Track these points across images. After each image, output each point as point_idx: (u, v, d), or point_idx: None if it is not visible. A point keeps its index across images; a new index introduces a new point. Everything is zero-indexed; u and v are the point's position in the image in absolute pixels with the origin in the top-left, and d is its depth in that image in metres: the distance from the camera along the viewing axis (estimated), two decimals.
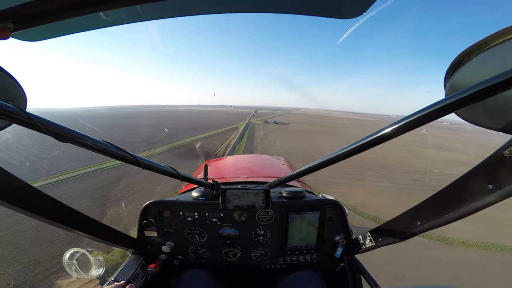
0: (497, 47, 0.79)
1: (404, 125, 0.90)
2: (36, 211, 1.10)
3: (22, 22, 0.71)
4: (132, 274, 1.80)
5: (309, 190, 2.58)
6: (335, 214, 2.10)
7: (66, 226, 1.28)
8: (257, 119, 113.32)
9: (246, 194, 1.89)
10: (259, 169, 3.94)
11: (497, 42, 0.79)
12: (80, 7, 0.73)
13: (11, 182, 1.00)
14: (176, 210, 2.05)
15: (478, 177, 0.97)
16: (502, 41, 0.77)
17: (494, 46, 0.80)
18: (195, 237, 2.12)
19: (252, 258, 2.22)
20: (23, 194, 1.05)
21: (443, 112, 0.80)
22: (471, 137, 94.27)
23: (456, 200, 1.06)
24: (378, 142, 1.03)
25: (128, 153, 1.18)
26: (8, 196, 0.97)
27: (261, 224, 2.10)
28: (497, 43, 0.79)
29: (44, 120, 0.86)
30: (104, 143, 1.09)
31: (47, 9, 0.71)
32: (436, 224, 1.19)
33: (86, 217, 1.44)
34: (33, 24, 0.74)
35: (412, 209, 1.37)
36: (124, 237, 1.87)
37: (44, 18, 0.73)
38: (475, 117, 0.97)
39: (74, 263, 1.55)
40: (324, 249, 2.18)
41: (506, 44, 0.77)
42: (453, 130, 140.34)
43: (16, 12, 0.68)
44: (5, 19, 0.68)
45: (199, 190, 2.12)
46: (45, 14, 0.72)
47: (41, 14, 0.72)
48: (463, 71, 0.93)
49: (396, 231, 1.50)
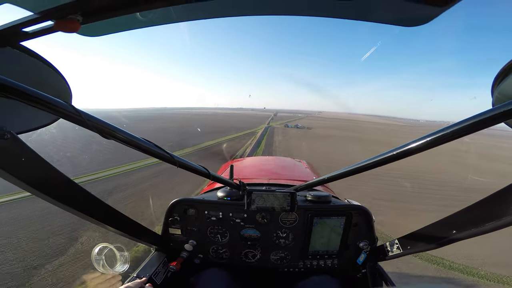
0: None
1: (454, 131, 0.86)
2: (71, 204, 1.12)
3: (90, 15, 0.73)
4: (154, 271, 1.81)
5: (334, 195, 2.53)
6: (361, 220, 2.05)
7: (97, 220, 1.30)
8: (277, 123, 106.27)
9: (271, 196, 1.87)
10: (281, 172, 3.90)
11: None
12: (140, 3, 0.75)
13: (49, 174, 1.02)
14: (202, 209, 2.05)
15: None
16: None
17: None
18: (217, 237, 2.12)
19: (271, 260, 2.20)
20: (58, 186, 1.07)
21: (492, 121, 0.76)
22: None
23: (498, 210, 1.01)
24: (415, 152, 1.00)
25: (166, 151, 1.21)
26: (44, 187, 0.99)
27: (284, 227, 2.08)
28: None
29: (91, 117, 0.88)
30: (145, 141, 1.11)
31: (112, 4, 0.73)
32: (473, 233, 1.14)
33: (115, 211, 1.46)
34: (99, 17, 0.76)
35: (446, 218, 1.33)
36: (149, 233, 1.88)
37: (108, 12, 0.75)
38: None
39: (102, 258, 1.56)
40: (346, 255, 2.14)
41: None
42: (497, 137, 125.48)
43: (84, 4, 0.69)
44: (74, 11, 0.69)
45: (224, 190, 2.12)
46: (110, 8, 0.74)
47: (105, 8, 0.74)
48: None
49: (428, 238, 1.45)
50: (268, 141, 43.41)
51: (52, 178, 1.04)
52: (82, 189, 1.20)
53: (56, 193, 1.04)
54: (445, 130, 0.88)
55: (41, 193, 0.96)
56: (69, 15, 0.70)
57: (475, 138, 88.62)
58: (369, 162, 1.23)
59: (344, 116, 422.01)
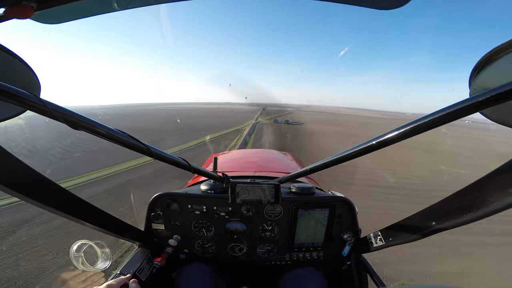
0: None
1: (428, 122, 0.88)
2: (43, 201, 1.08)
3: (44, 2, 0.71)
4: (138, 267, 1.79)
5: (318, 187, 2.56)
6: (344, 212, 2.08)
7: (74, 217, 1.26)
8: (266, 118, 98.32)
9: (255, 189, 1.86)
10: (267, 164, 3.91)
11: None
12: None
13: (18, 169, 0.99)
14: (185, 203, 2.03)
15: (500, 178, 0.95)
16: None
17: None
18: (202, 231, 2.10)
19: (258, 253, 2.20)
20: (29, 182, 1.03)
21: (469, 111, 0.77)
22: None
23: (475, 201, 1.04)
24: (396, 140, 1.01)
25: (141, 142, 1.17)
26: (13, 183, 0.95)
27: (269, 220, 2.09)
28: None
29: (58, 107, 0.85)
30: (118, 132, 1.07)
31: None
32: (453, 224, 1.17)
33: (94, 207, 1.42)
34: (55, 3, 0.73)
35: (427, 209, 1.35)
36: (132, 229, 1.85)
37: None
38: (501, 116, 0.96)
39: (81, 255, 1.53)
40: (331, 247, 2.17)
41: None
42: (476, 129, 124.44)
43: None
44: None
45: (208, 183, 2.10)
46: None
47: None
48: (491, 69, 0.90)
49: (410, 230, 1.47)
50: (257, 143, 33.99)
51: (21, 173, 1.00)
52: (55, 185, 1.16)
53: (26, 189, 1.00)
54: (422, 120, 0.89)
55: (8, 189, 0.92)
56: (22, 0, 0.66)
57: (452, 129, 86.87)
58: (351, 152, 1.24)
59: (333, 110, 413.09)
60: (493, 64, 0.88)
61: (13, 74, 0.98)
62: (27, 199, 1.01)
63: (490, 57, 0.88)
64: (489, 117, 0.99)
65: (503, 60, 0.85)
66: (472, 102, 0.75)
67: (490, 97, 0.70)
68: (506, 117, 0.94)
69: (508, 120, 0.93)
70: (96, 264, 1.60)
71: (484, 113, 0.97)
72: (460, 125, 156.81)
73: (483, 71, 0.93)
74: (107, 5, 0.93)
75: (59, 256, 7.64)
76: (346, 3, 0.98)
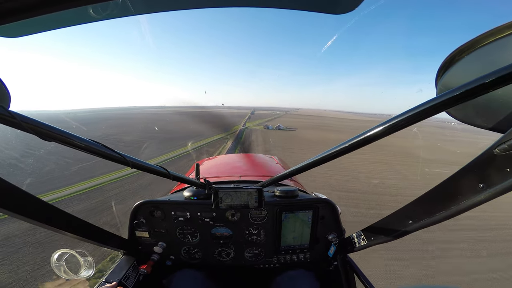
0: (488, 46, 0.80)
1: (396, 123, 0.90)
2: (19, 212, 1.05)
3: (2, 17, 0.65)
4: (124, 275, 1.78)
5: (302, 189, 2.58)
6: (327, 213, 2.10)
7: (53, 227, 1.24)
8: (255, 123, 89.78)
9: (238, 194, 1.87)
10: (252, 168, 3.93)
11: (488, 41, 0.79)
12: (64, 1, 0.67)
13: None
14: (168, 210, 2.02)
15: (469, 175, 0.97)
16: (493, 40, 0.78)
17: (485, 45, 0.81)
18: (187, 237, 2.10)
19: (246, 257, 2.21)
20: (4, 194, 1.00)
21: (434, 110, 0.79)
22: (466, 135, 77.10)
23: (447, 199, 1.06)
24: (369, 141, 1.03)
25: (116, 152, 1.15)
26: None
27: (254, 224, 2.09)
28: (488, 42, 0.79)
29: (27, 119, 0.83)
30: (91, 142, 1.06)
31: (29, 3, 0.64)
32: (427, 223, 1.19)
33: (72, 217, 1.40)
34: (14, 18, 0.67)
35: (404, 207, 1.37)
36: (114, 237, 1.83)
37: (25, 13, 0.67)
38: (466, 115, 0.98)
39: (63, 264, 1.52)
40: (317, 248, 2.19)
41: (496, 43, 0.77)
42: (444, 128, 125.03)
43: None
44: None
45: (191, 190, 2.10)
46: (27, 8, 0.66)
47: (24, 7, 0.65)
48: (454, 70, 0.94)
49: (389, 229, 1.50)
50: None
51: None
52: (33, 196, 1.14)
53: (4, 203, 0.98)
54: (396, 119, 0.91)
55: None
56: None
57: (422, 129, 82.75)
58: (331, 152, 1.25)
59: (322, 114, 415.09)
60: (457, 64, 0.92)
61: None
62: (5, 211, 0.99)
63: (453, 58, 0.91)
64: (455, 116, 1.02)
65: (465, 60, 0.88)
66: (438, 101, 0.77)
67: (453, 96, 0.72)
68: (469, 116, 0.97)
69: (471, 119, 0.96)
70: (80, 272, 1.58)
71: (449, 112, 1.00)
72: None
73: (447, 71, 0.96)
74: (74, 18, 0.92)
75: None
76: (299, 9, 1.02)
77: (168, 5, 1.10)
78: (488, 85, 0.65)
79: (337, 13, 0.98)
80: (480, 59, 0.85)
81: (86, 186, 17.93)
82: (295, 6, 1.04)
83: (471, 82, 0.68)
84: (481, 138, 53.58)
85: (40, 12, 0.68)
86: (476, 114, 0.94)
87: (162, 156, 29.11)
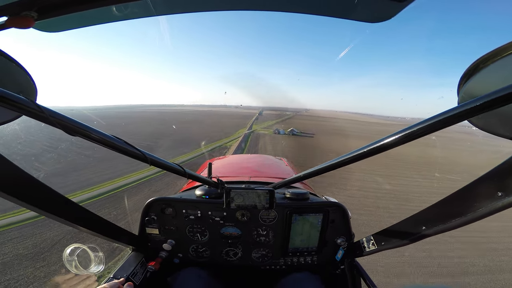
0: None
1: (416, 131, 0.90)
2: (37, 205, 1.08)
3: (46, 12, 0.72)
4: (132, 271, 1.78)
5: (313, 192, 2.58)
6: (338, 217, 2.10)
7: (67, 220, 1.26)
8: (263, 126, 77.73)
9: (250, 194, 1.88)
10: (262, 169, 3.94)
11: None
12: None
13: (12, 172, 0.98)
14: (179, 208, 2.03)
15: (488, 183, 0.97)
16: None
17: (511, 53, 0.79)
18: (196, 236, 2.11)
19: (253, 258, 2.21)
20: (22, 185, 1.03)
21: (456, 119, 0.79)
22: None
23: (464, 206, 1.06)
24: (386, 148, 1.03)
25: (136, 148, 1.18)
26: (7, 187, 0.94)
27: (264, 225, 2.10)
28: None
29: (55, 113, 0.85)
30: (113, 138, 1.08)
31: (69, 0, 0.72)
32: (441, 229, 1.20)
33: (87, 211, 1.42)
34: (55, 14, 0.74)
35: (417, 214, 1.38)
36: (125, 233, 1.85)
37: (65, 8, 0.74)
38: (488, 124, 0.98)
39: (75, 259, 1.52)
40: (325, 251, 2.19)
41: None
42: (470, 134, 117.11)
43: (40, 1, 0.68)
44: (29, 7, 0.68)
45: (202, 189, 2.11)
46: (67, 4, 0.73)
47: (63, 4, 0.72)
48: (478, 77, 0.93)
49: (401, 235, 1.50)
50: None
51: (16, 177, 1.00)
52: (49, 189, 1.16)
53: (21, 194, 1.00)
54: (415, 127, 0.90)
55: (4, 194, 0.92)
56: (23, 11, 0.68)
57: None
58: (344, 159, 1.26)
59: (334, 115, 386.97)
60: (480, 73, 0.90)
61: (9, 78, 0.98)
62: (20, 203, 1.01)
63: (477, 66, 0.90)
64: (476, 124, 1.01)
65: (490, 69, 0.87)
66: (461, 110, 0.76)
67: (477, 105, 0.71)
68: (491, 125, 0.96)
69: (493, 128, 0.95)
70: (90, 267, 1.59)
71: (471, 121, 0.99)
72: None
73: (470, 79, 0.95)
74: (107, 15, 0.95)
75: None
76: (338, 17, 1.01)
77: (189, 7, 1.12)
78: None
79: (371, 22, 0.98)
80: (506, 68, 0.84)
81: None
82: (328, 13, 1.04)
83: (497, 91, 0.67)
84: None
85: (74, 9, 0.75)
86: (499, 123, 0.93)
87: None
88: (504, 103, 0.67)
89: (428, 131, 0.87)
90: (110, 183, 23.22)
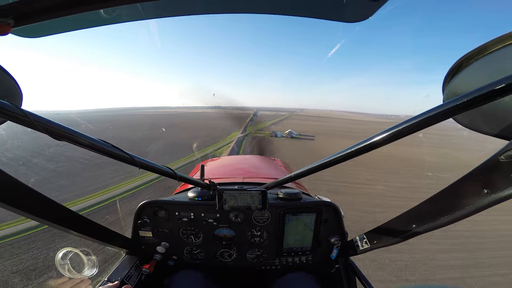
0: (496, 52, 0.80)
1: (403, 129, 0.91)
2: (26, 209, 1.07)
3: (23, 18, 0.70)
4: (126, 274, 1.78)
5: (306, 192, 2.59)
6: (331, 216, 2.10)
7: (58, 225, 1.26)
8: (258, 127, 74.13)
9: (243, 195, 1.88)
10: (256, 170, 3.94)
11: (497, 48, 0.80)
12: (81, 4, 0.72)
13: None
14: (172, 210, 2.03)
15: (474, 181, 0.98)
16: (501, 47, 0.78)
17: (493, 51, 0.81)
18: (190, 238, 2.11)
19: (247, 259, 2.21)
20: (11, 191, 1.01)
21: (441, 117, 0.80)
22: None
23: (451, 203, 1.06)
24: (375, 146, 1.04)
25: (125, 152, 1.17)
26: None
27: (258, 225, 2.10)
28: (497, 49, 0.80)
29: (40, 118, 0.84)
30: (100, 142, 1.08)
31: (48, 6, 0.70)
32: (431, 227, 1.20)
33: (78, 215, 1.41)
34: (33, 20, 0.73)
35: (408, 211, 1.38)
36: (118, 236, 1.85)
37: (44, 15, 0.72)
38: (472, 122, 0.99)
39: (67, 263, 1.52)
40: (319, 251, 2.19)
41: (505, 50, 0.78)
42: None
43: (17, 8, 0.67)
44: (5, 15, 0.67)
45: (195, 191, 2.11)
46: (46, 10, 0.71)
47: (41, 10, 0.71)
48: (462, 76, 0.94)
49: (392, 233, 1.51)
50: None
51: (3, 182, 0.99)
52: (38, 194, 1.15)
53: (8, 199, 0.99)
54: (401, 126, 0.91)
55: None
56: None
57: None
58: (335, 157, 1.26)
59: (330, 114, 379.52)
60: (464, 71, 0.92)
61: None
62: (9, 208, 1.00)
63: (461, 64, 0.92)
64: (461, 122, 1.02)
65: (473, 67, 0.88)
66: (445, 108, 0.77)
67: (461, 103, 0.72)
68: (476, 123, 0.97)
69: (477, 126, 0.96)
70: (83, 271, 1.59)
71: (456, 119, 1.00)
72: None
73: (455, 78, 0.96)
74: (91, 20, 0.94)
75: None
76: (316, 17, 1.03)
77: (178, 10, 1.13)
78: (496, 92, 0.65)
79: (350, 22, 0.99)
80: (488, 66, 0.86)
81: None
82: (308, 14, 1.05)
83: (479, 88, 0.68)
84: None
85: (53, 16, 0.73)
86: (483, 121, 0.94)
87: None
88: (487, 100, 0.68)
89: (415, 129, 0.88)
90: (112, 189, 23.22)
